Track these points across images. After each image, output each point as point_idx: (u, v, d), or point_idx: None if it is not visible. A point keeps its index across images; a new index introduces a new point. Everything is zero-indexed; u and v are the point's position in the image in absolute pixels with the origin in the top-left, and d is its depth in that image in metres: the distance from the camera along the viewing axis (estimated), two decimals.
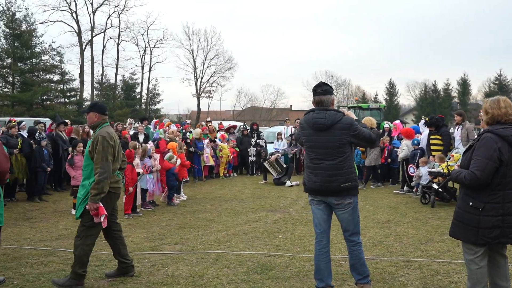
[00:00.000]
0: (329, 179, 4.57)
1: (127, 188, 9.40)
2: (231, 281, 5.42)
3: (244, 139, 17.28)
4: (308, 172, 4.79)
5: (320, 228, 4.80)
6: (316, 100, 4.72)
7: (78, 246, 5.26)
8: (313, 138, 4.67)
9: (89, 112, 5.43)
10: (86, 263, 5.27)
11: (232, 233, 7.95)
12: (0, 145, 5.56)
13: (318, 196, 4.74)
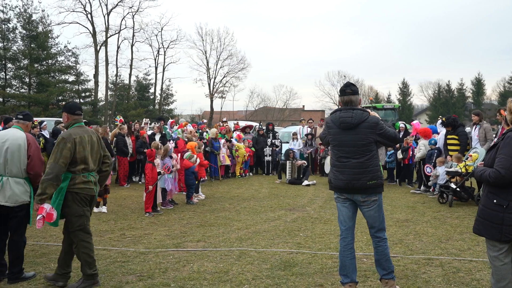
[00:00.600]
0: (356, 177, 4.68)
1: (147, 187, 9.58)
2: (256, 277, 5.54)
3: (260, 139, 17.40)
4: (334, 170, 4.89)
5: (345, 225, 4.89)
6: (345, 100, 4.84)
7: (77, 253, 5.29)
8: (340, 137, 4.78)
9: (62, 112, 5.54)
10: (93, 262, 5.29)
11: (253, 231, 8.07)
12: (38, 149, 5.68)
13: (344, 193, 4.84)
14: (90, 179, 5.30)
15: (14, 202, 5.42)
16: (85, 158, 5.24)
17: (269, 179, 15.88)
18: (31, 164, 5.48)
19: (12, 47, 39.19)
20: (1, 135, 5.58)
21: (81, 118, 5.48)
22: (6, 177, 5.40)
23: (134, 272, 5.81)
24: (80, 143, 5.22)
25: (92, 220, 8.88)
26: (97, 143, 5.46)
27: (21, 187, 5.45)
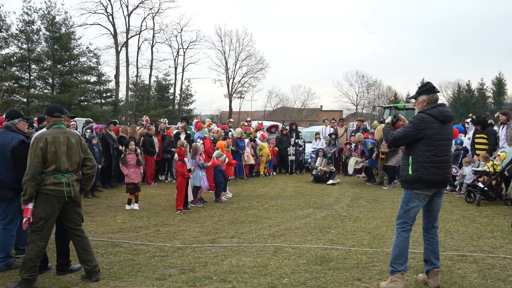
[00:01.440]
0: (448, 170, 5.08)
1: (178, 185, 9.80)
2: (294, 271, 5.70)
3: (284, 138, 17.56)
4: (429, 166, 4.97)
5: (412, 221, 5.14)
6: (435, 98, 5.12)
7: (26, 251, 5.26)
8: (441, 130, 5.00)
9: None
10: (33, 268, 5.16)
11: (284, 228, 8.23)
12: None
13: (433, 188, 5.05)
14: (62, 181, 5.26)
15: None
16: (56, 159, 5.25)
17: (293, 178, 16.02)
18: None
19: (36, 48, 39.98)
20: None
21: (60, 119, 5.50)
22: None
23: (175, 266, 6.02)
24: (52, 143, 5.25)
25: (126, 217, 9.19)
26: (76, 145, 5.43)
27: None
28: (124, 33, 47.03)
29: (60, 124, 5.52)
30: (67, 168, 5.35)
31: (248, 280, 5.39)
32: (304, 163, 17.93)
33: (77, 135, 5.62)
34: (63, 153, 5.31)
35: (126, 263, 6.17)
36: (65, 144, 5.35)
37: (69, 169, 5.37)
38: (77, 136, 5.58)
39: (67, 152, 5.35)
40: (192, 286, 5.24)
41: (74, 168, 5.44)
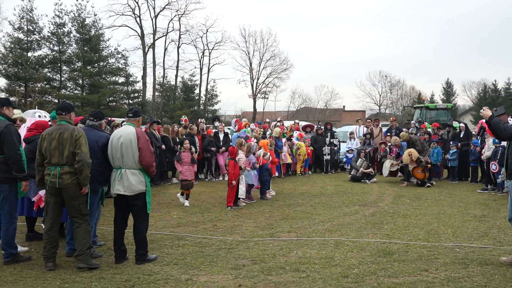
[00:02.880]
0: None
1: (230, 182, 10.15)
2: (361, 262, 6.01)
3: (319, 138, 17.81)
4: None
5: None
6: None
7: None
8: None
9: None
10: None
11: (337, 223, 8.53)
12: (147, 142, 6.26)
13: None
14: (50, 172, 5.80)
15: (131, 191, 6.05)
16: (46, 152, 5.84)
17: (330, 177, 16.26)
18: (141, 155, 6.06)
19: (67, 50, 40.88)
20: (116, 132, 6.25)
21: (61, 117, 6.02)
22: (124, 169, 6.07)
23: (245, 257, 6.36)
24: (45, 138, 5.84)
25: (181, 213, 9.59)
26: (67, 140, 5.80)
27: (136, 177, 6.06)
28: (151, 34, 47.69)
29: (61, 121, 6.01)
30: (56, 161, 5.83)
31: (320, 270, 5.71)
32: (339, 162, 18.15)
33: (72, 132, 5.86)
34: (54, 147, 5.82)
35: (196, 254, 6.54)
36: (56, 139, 5.82)
37: (59, 163, 5.83)
38: (70, 131, 5.86)
39: (58, 146, 5.82)
40: (268, 275, 5.57)
41: (66, 161, 5.83)
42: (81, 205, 5.99)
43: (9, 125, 6.17)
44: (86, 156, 5.86)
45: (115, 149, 6.09)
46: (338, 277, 5.42)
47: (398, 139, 15.14)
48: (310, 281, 5.32)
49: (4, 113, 6.32)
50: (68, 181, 5.84)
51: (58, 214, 6.06)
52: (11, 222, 6.19)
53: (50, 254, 5.95)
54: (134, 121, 6.39)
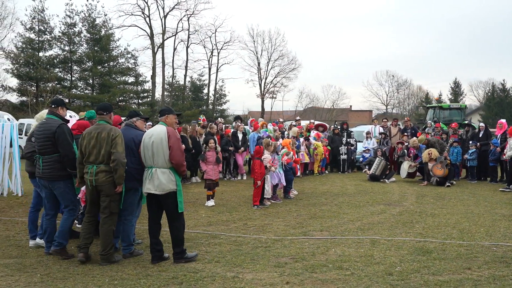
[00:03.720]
0: None
1: (256, 182, 10.22)
2: (402, 260, 6.07)
3: (335, 138, 17.87)
4: None
5: None
6: None
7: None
8: None
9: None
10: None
11: (367, 222, 8.59)
12: (177, 140, 6.25)
13: None
14: (88, 170, 6.02)
15: (162, 190, 6.07)
16: (86, 151, 6.05)
17: (348, 177, 16.32)
18: (171, 154, 6.06)
19: (77, 50, 41.10)
20: (149, 131, 6.33)
21: (101, 117, 6.24)
22: (155, 168, 6.10)
23: (284, 255, 6.44)
24: (85, 137, 6.07)
25: (208, 212, 9.66)
26: (104, 139, 5.98)
27: (167, 176, 6.07)
28: (160, 34, 47.92)
29: (100, 120, 6.21)
30: (93, 160, 6.02)
31: (363, 268, 5.78)
32: (355, 162, 18.20)
33: (109, 131, 6.04)
34: (92, 146, 6.01)
35: (235, 252, 6.61)
36: (95, 138, 6.00)
37: (95, 161, 6.02)
38: (108, 131, 6.04)
39: (95, 145, 6.00)
40: (313, 272, 5.65)
41: (103, 160, 6.00)
42: (112, 202, 6.13)
43: (62, 125, 6.40)
44: (121, 155, 5.99)
45: (146, 148, 6.15)
46: (383, 275, 5.49)
47: (416, 141, 15.16)
48: (356, 278, 5.39)
49: (57, 113, 6.54)
50: (103, 179, 6.01)
51: (95, 210, 6.24)
52: (70, 214, 6.47)
53: (82, 244, 6.15)
54: (165, 120, 6.44)
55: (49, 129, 6.36)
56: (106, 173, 6.02)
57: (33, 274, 5.64)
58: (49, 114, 6.57)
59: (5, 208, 10.06)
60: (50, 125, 6.40)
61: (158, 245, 6.25)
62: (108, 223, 6.15)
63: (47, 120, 6.51)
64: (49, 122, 6.45)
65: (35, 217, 7.16)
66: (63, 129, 6.35)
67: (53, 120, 6.47)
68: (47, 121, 6.49)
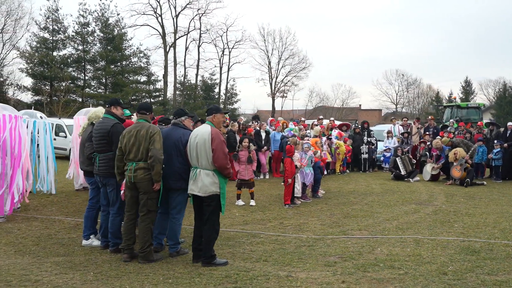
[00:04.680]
0: None
1: (286, 180, 10.23)
2: (451, 260, 6.07)
3: (356, 137, 17.84)
4: None
5: None
6: None
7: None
8: None
9: None
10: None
11: (404, 222, 8.58)
12: (221, 143, 6.20)
13: None
14: (128, 167, 6.12)
15: (204, 192, 6.05)
16: (126, 149, 6.14)
17: (370, 176, 16.28)
18: (214, 156, 6.02)
19: (91, 49, 41.27)
20: (194, 131, 6.33)
21: (142, 116, 6.30)
22: (199, 169, 6.09)
23: (330, 254, 6.44)
24: (125, 135, 6.16)
25: (241, 211, 9.69)
26: (143, 137, 6.05)
27: (210, 178, 6.04)
28: (172, 33, 48.00)
29: (141, 119, 6.28)
30: (133, 157, 6.11)
31: (415, 267, 5.77)
32: (376, 161, 18.17)
33: (148, 129, 6.08)
34: (132, 144, 6.10)
35: (280, 251, 6.62)
36: (134, 136, 6.09)
37: (135, 158, 6.10)
38: (146, 129, 6.09)
39: (135, 143, 6.09)
40: (365, 271, 5.65)
41: (142, 158, 6.08)
42: (149, 200, 6.16)
43: (117, 124, 6.56)
44: (158, 152, 6.03)
45: (192, 148, 6.14)
46: (438, 274, 5.48)
47: (439, 142, 15.10)
48: (411, 277, 5.38)
49: (112, 112, 6.69)
50: (141, 176, 6.07)
51: (135, 207, 6.28)
52: (118, 214, 6.56)
53: (125, 245, 6.21)
54: (212, 120, 6.41)
55: (104, 128, 6.57)
56: (144, 170, 6.07)
57: (86, 272, 5.67)
58: (106, 113, 6.79)
59: (38, 206, 10.13)
60: (106, 124, 6.60)
61: (201, 244, 6.22)
62: (146, 221, 6.19)
63: (104, 120, 6.71)
64: (105, 122, 6.65)
65: (91, 215, 7.17)
66: (116, 128, 6.50)
67: (109, 119, 6.66)
68: (104, 121, 6.69)
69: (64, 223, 8.53)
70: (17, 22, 37.05)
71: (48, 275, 5.55)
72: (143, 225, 6.18)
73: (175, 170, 6.31)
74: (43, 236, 7.52)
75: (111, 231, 6.56)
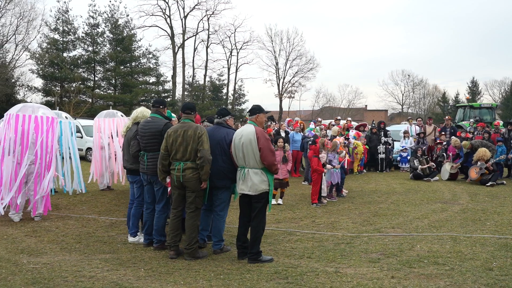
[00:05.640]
0: None
1: (313, 179, 10.34)
2: (493, 256, 6.17)
3: (373, 137, 17.94)
4: None
5: None
6: None
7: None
8: None
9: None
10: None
11: (434, 220, 8.68)
12: (267, 141, 6.33)
13: None
14: (175, 167, 6.21)
15: (255, 191, 6.17)
16: (172, 148, 6.22)
17: (388, 176, 16.37)
18: (262, 155, 6.15)
19: (101, 50, 41.47)
20: (238, 132, 6.44)
21: (187, 116, 6.43)
22: (247, 168, 6.21)
23: (371, 251, 6.55)
24: (171, 135, 6.24)
25: (272, 211, 9.74)
26: (190, 137, 6.15)
27: (259, 177, 6.17)
28: (181, 34, 48.19)
29: (186, 119, 6.40)
30: (180, 157, 6.21)
31: (460, 263, 5.88)
32: (393, 161, 18.26)
33: (195, 129, 6.20)
34: (179, 144, 6.18)
35: (320, 248, 6.73)
36: (181, 136, 6.17)
37: (182, 158, 6.20)
38: (194, 129, 6.21)
39: (182, 143, 6.16)
40: (411, 267, 5.75)
41: (189, 158, 6.18)
42: (197, 198, 6.30)
43: (168, 123, 6.74)
44: (207, 153, 6.14)
45: (237, 149, 6.25)
46: (484, 270, 5.58)
47: (458, 141, 15.18)
48: (458, 273, 5.48)
49: (161, 111, 6.94)
50: (190, 175, 6.18)
51: (181, 205, 6.43)
52: (163, 211, 6.72)
53: (172, 242, 6.35)
54: (256, 120, 6.49)
55: (155, 127, 6.70)
56: (192, 170, 6.19)
57: (136, 269, 5.79)
58: (154, 113, 6.93)
59: (68, 205, 10.27)
60: (156, 123, 6.74)
61: (246, 242, 6.34)
62: (194, 218, 6.33)
63: (153, 119, 6.85)
64: (155, 121, 6.79)
65: (137, 213, 7.29)
66: (168, 127, 6.62)
67: (158, 119, 6.83)
68: (153, 120, 6.83)
69: (99, 222, 8.66)
70: (29, 23, 37.27)
71: (100, 271, 5.68)
72: (191, 222, 6.31)
73: (219, 168, 6.43)
74: (82, 234, 7.65)
75: (155, 228, 6.71)
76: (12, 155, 8.55)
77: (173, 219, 6.45)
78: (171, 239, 6.38)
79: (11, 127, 8.64)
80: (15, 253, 6.52)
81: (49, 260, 6.16)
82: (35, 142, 8.70)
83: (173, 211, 6.47)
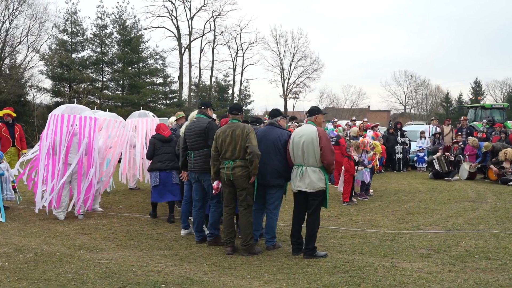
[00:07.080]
0: None
1: (346, 178, 10.57)
2: None
3: (390, 137, 18.17)
4: None
5: None
6: None
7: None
8: None
9: None
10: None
11: (469, 217, 8.91)
12: (328, 141, 6.52)
13: None
14: (225, 166, 6.47)
15: (312, 188, 6.41)
16: (222, 148, 6.51)
17: (407, 176, 16.59)
18: (323, 154, 6.37)
19: (109, 51, 41.66)
20: (298, 131, 6.68)
21: (234, 116, 6.72)
22: (305, 166, 6.44)
23: (419, 247, 6.78)
24: (220, 135, 6.54)
25: None
26: (239, 136, 6.42)
27: (317, 175, 6.39)
28: (187, 35, 48.39)
29: (233, 119, 6.69)
30: (229, 156, 6.47)
31: (509, 258, 6.10)
32: (410, 161, 18.49)
33: (243, 128, 6.49)
34: (228, 143, 6.46)
35: (367, 244, 6.97)
36: (230, 136, 6.46)
37: (232, 157, 6.46)
38: (241, 128, 6.49)
39: (231, 142, 6.44)
40: (465, 262, 5.99)
41: (238, 156, 6.44)
42: (248, 196, 6.57)
43: (212, 122, 7.06)
44: (256, 148, 6.43)
45: (296, 147, 6.48)
46: None
47: (476, 140, 15.40)
48: None
49: (206, 112, 7.25)
50: (239, 173, 6.45)
51: (233, 202, 6.72)
52: (217, 206, 7.00)
53: (228, 239, 6.62)
54: (314, 120, 6.73)
55: (200, 126, 7.04)
56: (241, 168, 6.46)
57: (199, 264, 6.03)
58: (199, 113, 7.29)
59: (105, 204, 10.48)
60: (201, 123, 7.08)
61: (300, 238, 6.60)
62: (247, 216, 6.59)
63: (198, 119, 7.19)
64: (200, 121, 7.14)
65: (187, 208, 7.64)
66: (212, 125, 6.99)
67: (203, 118, 7.17)
68: (198, 120, 7.17)
69: (143, 220, 8.89)
70: (41, 25, 37.37)
71: (166, 266, 5.91)
72: (245, 219, 6.56)
73: (273, 167, 6.68)
74: (131, 232, 7.88)
75: (210, 222, 7.05)
76: (58, 155, 8.78)
77: (226, 216, 6.70)
78: (227, 236, 6.63)
79: (56, 127, 8.88)
80: (74, 249, 6.76)
81: (111, 256, 6.39)
82: (79, 142, 8.93)
83: (225, 209, 6.74)
